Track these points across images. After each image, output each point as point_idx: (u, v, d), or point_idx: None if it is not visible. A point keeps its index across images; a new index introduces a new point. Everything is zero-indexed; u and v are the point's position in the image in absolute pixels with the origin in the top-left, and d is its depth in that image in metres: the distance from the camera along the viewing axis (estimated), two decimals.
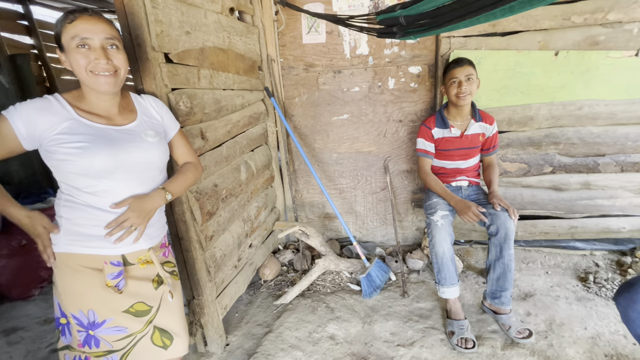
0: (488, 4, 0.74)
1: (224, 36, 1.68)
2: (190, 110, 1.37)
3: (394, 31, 1.10)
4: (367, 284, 1.98)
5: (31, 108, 0.86)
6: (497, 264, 1.66)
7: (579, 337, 1.60)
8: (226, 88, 1.72)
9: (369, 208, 2.48)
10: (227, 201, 1.68)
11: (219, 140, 1.65)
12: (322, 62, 2.22)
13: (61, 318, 1.00)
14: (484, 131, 1.84)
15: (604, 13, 1.82)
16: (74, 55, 0.87)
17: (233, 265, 1.78)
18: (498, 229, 1.62)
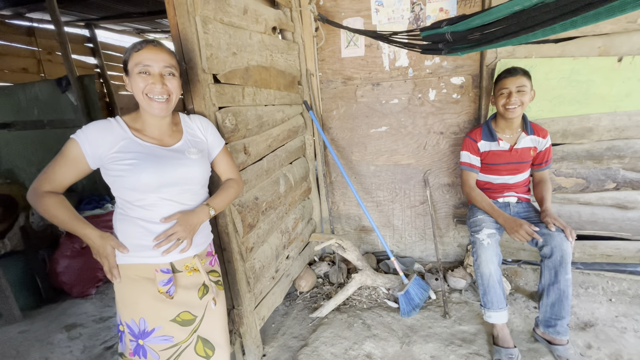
0: (547, 19, 0.69)
1: (267, 54, 1.74)
2: (235, 127, 1.43)
3: (440, 47, 1.07)
4: (405, 301, 1.91)
5: (95, 130, 0.97)
6: (551, 289, 1.53)
7: None
8: (267, 104, 1.78)
9: (407, 222, 2.41)
10: (266, 213, 1.72)
11: (260, 154, 1.70)
12: (361, 75, 2.22)
13: (120, 325, 1.07)
14: (535, 145, 1.72)
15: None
16: (135, 79, 0.97)
17: (271, 277, 1.81)
18: (553, 250, 1.49)
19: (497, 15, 0.83)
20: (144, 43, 0.96)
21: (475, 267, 1.64)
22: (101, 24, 4.59)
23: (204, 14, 1.26)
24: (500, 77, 1.65)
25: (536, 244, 1.57)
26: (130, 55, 0.96)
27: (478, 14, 0.89)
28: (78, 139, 0.95)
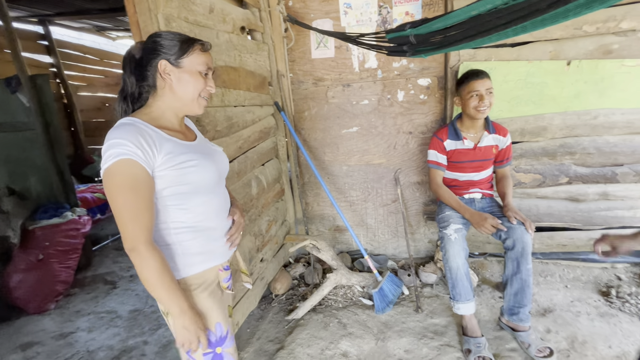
0: (500, 24, 0.74)
1: (235, 55, 1.71)
2: (202, 129, 1.39)
3: (405, 49, 1.11)
4: (379, 298, 1.95)
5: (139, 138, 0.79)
6: (514, 279, 1.62)
7: (604, 356, 1.54)
8: (237, 105, 1.75)
9: (380, 220, 2.46)
10: None
11: (231, 156, 1.67)
12: (331, 76, 2.24)
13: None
14: (497, 143, 1.82)
15: (616, 22, 1.80)
16: (196, 78, 0.89)
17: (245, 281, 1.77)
18: (514, 243, 1.58)
19: (456, 19, 0.87)
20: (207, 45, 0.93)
21: (444, 261, 1.71)
22: (57, 21, 4.31)
23: (167, 12, 1.21)
24: (468, 79, 1.68)
25: (500, 237, 1.66)
26: (193, 51, 0.88)
27: (439, 18, 0.93)
28: (138, 159, 0.77)
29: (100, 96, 5.23)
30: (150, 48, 0.87)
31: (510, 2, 0.68)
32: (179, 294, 0.83)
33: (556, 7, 0.60)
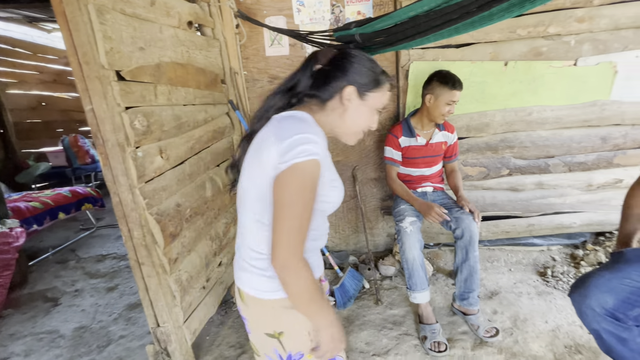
0: (436, 24, 0.78)
1: (183, 51, 1.63)
2: (147, 129, 1.31)
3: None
4: (340, 294, 1.97)
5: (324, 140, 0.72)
6: (463, 266, 1.72)
7: (541, 331, 1.69)
8: (187, 103, 1.67)
9: (340, 217, 2.49)
10: (192, 220, 1.62)
11: (181, 157, 1.59)
12: (287, 73, 2.18)
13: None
14: (446, 139, 1.92)
15: (544, 26, 1.97)
16: (371, 115, 0.86)
17: (201, 287, 1.71)
18: (463, 232, 1.68)
19: (397, 19, 0.90)
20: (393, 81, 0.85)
21: (400, 253, 1.77)
22: None
23: (100, 2, 1.12)
24: (453, 87, 1.68)
25: (450, 228, 1.76)
26: (381, 89, 0.83)
27: (381, 18, 0.96)
28: (320, 158, 0.69)
29: (34, 94, 4.73)
30: (343, 66, 0.80)
31: (443, 5, 0.72)
32: (327, 305, 0.78)
33: (483, 11, 0.65)
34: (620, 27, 1.96)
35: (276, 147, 0.70)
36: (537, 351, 1.58)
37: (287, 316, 0.81)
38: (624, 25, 1.95)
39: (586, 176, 2.25)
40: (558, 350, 1.58)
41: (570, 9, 1.93)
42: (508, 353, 1.58)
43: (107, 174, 1.23)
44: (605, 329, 1.10)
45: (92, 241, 3.31)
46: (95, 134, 1.19)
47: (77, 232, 3.52)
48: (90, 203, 3.28)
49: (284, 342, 0.82)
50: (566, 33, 1.99)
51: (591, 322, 1.13)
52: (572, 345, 1.60)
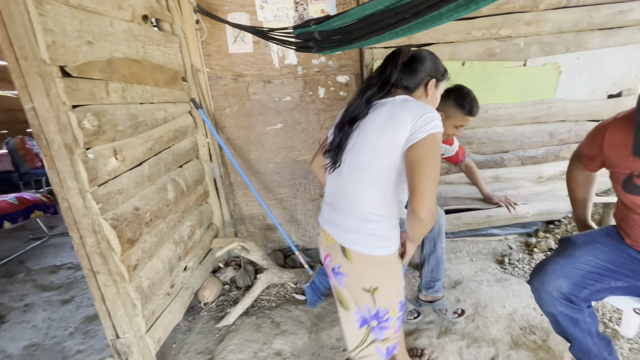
0: (390, 23, 0.80)
1: (138, 46, 1.55)
2: (98, 129, 1.23)
3: (311, 45, 1.13)
4: (311, 292, 1.98)
5: None
6: (431, 257, 1.79)
7: (500, 315, 1.80)
8: (144, 102, 1.59)
9: (310, 215, 2.49)
10: (152, 224, 1.54)
11: (139, 158, 1.51)
12: (251, 72, 2.18)
13: (372, 320, 1.02)
14: (443, 152, 1.90)
15: (497, 29, 2.09)
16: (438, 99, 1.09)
17: (165, 293, 1.64)
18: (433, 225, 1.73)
19: (353, 17, 0.92)
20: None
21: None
22: None
23: None
24: (466, 111, 1.54)
25: None
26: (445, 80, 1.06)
27: (338, 15, 0.97)
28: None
29: None
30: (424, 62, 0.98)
31: (396, 4, 0.74)
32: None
33: (432, 10, 0.67)
34: (562, 31, 2.12)
35: (412, 121, 0.89)
36: (496, 335, 1.67)
37: (385, 273, 0.99)
38: (566, 29, 2.11)
39: (537, 169, 2.42)
40: (514, 332, 1.69)
41: (519, 13, 2.06)
42: (470, 338, 1.66)
43: (54, 178, 1.14)
44: (561, 312, 1.18)
45: (44, 251, 3.06)
46: (38, 134, 1.10)
47: (26, 242, 3.25)
48: (40, 210, 3.03)
49: (377, 298, 0.99)
50: (516, 35, 2.12)
51: (548, 307, 1.21)
52: (526, 326, 1.72)
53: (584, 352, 1.22)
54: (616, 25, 2.11)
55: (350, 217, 1.00)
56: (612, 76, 2.22)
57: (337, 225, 1.04)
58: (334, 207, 1.06)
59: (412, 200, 0.86)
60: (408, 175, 0.88)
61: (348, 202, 1.00)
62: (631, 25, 2.12)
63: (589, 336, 1.19)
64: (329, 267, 1.08)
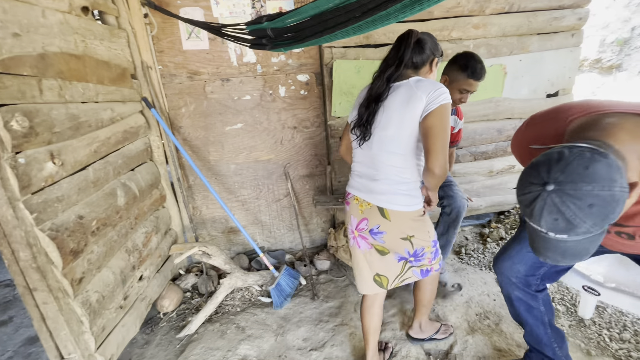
0: (341, 22, 0.80)
1: (77, 40, 1.42)
2: (29, 131, 1.11)
3: (264, 43, 1.10)
4: (277, 294, 1.95)
5: None
6: (442, 238, 1.88)
7: (458, 303, 1.89)
8: (86, 101, 1.46)
9: (274, 216, 2.46)
10: (100, 233, 1.43)
11: (82, 162, 1.39)
12: (208, 69, 2.10)
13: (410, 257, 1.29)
14: (454, 124, 1.91)
15: (448, 31, 2.19)
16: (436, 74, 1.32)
17: (118, 306, 1.53)
18: (452, 210, 1.81)
19: (305, 15, 0.91)
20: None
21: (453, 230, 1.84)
22: None
23: None
24: (473, 76, 1.56)
25: (441, 204, 1.86)
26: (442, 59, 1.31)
27: (290, 13, 0.95)
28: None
29: None
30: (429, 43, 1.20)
31: (346, 2, 0.75)
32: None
33: (380, 10, 0.68)
34: (507, 35, 2.27)
35: (426, 97, 1.10)
36: (454, 322, 1.76)
37: (417, 224, 1.24)
38: (510, 33, 2.27)
39: (488, 164, 2.58)
40: (471, 318, 1.79)
41: (468, 17, 2.18)
42: None
43: None
44: (517, 297, 1.26)
45: None
46: None
47: None
48: None
49: (414, 242, 1.26)
50: (466, 38, 2.24)
51: (507, 291, 1.28)
52: (481, 312, 1.82)
53: (535, 339, 1.31)
54: (552, 30, 2.30)
55: (384, 182, 1.21)
56: (549, 77, 2.43)
57: (372, 191, 1.24)
58: (366, 176, 1.26)
59: (427, 159, 1.09)
60: (423, 140, 1.11)
61: (380, 169, 1.22)
62: (564, 30, 2.33)
63: (541, 325, 1.27)
64: (366, 229, 1.28)
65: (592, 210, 0.64)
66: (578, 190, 0.63)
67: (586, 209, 0.64)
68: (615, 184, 0.63)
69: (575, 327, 1.67)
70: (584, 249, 0.70)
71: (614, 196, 0.64)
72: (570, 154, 0.66)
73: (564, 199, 0.65)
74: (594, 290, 1.23)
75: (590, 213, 0.64)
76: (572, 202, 0.64)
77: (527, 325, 1.30)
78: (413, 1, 0.62)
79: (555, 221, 0.67)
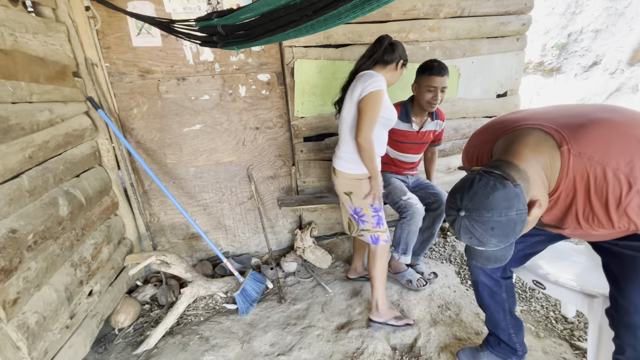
0: (293, 20, 0.79)
1: (4, 33, 1.27)
2: None
3: (215, 40, 1.05)
4: (242, 300, 1.89)
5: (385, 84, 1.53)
6: (426, 231, 2.02)
7: (421, 297, 1.96)
8: (17, 101, 1.31)
9: (239, 219, 2.39)
10: (38, 248, 1.29)
11: (14, 170, 1.25)
12: (162, 68, 1.98)
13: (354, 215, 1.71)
14: (436, 128, 2.04)
15: (406, 33, 2.26)
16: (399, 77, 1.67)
17: (63, 326, 1.39)
18: (439, 206, 1.96)
19: (256, 12, 0.88)
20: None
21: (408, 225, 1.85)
22: None
23: None
24: (428, 72, 1.76)
25: (427, 199, 2.00)
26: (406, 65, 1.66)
27: (241, 9, 0.92)
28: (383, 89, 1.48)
29: None
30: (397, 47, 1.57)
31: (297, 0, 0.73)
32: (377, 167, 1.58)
33: (331, 9, 0.68)
34: (459, 38, 2.39)
35: (361, 87, 1.48)
36: (418, 315, 1.82)
37: (354, 184, 1.62)
38: (462, 36, 2.38)
39: (446, 161, 2.69)
40: (433, 310, 1.85)
41: (424, 19, 2.26)
42: None
43: None
44: (482, 282, 1.34)
45: None
46: None
47: None
48: None
49: (353, 199, 1.66)
50: (423, 40, 2.32)
51: (474, 275, 1.36)
52: (443, 304, 1.90)
53: (493, 324, 1.39)
54: (499, 34, 2.45)
55: (337, 150, 1.68)
56: (499, 78, 2.59)
57: (334, 157, 1.71)
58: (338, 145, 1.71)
59: (355, 133, 1.51)
60: (357, 119, 1.51)
61: (339, 142, 1.68)
62: (510, 35, 2.49)
63: (501, 310, 1.35)
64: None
65: (494, 232, 0.79)
66: (481, 217, 0.78)
67: (490, 231, 0.78)
68: (511, 210, 0.77)
69: (526, 312, 1.80)
70: (502, 256, 0.86)
71: (510, 220, 0.77)
72: (478, 184, 0.80)
73: (472, 222, 0.79)
74: (541, 284, 1.33)
75: (493, 234, 0.79)
76: (478, 225, 0.79)
77: (488, 310, 1.38)
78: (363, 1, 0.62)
79: (470, 239, 0.82)
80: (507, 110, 2.73)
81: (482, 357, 1.44)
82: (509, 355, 1.40)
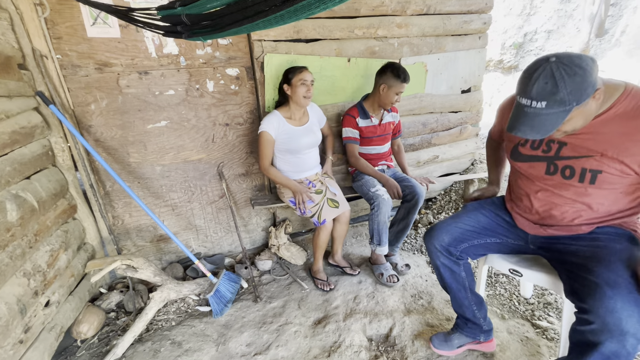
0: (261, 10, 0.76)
1: None
2: None
3: (179, 30, 1.00)
4: (216, 301, 1.84)
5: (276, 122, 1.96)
6: (401, 222, 2.15)
7: (395, 288, 2.01)
8: None
9: (210, 219, 2.31)
10: None
11: None
12: (121, 61, 1.86)
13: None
14: (393, 119, 2.27)
15: (375, 29, 2.28)
16: (299, 88, 1.91)
17: (16, 342, 1.28)
18: (413, 197, 2.06)
19: (223, 1, 0.84)
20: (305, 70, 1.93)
21: (375, 217, 1.99)
22: None
23: None
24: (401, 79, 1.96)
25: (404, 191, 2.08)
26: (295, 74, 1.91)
27: None
28: (268, 129, 1.91)
29: None
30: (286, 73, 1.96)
31: None
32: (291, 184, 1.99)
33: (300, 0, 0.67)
34: (426, 35, 2.45)
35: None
36: (392, 306, 1.86)
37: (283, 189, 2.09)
38: (428, 33, 2.45)
39: (415, 155, 2.77)
40: (407, 300, 1.91)
41: (392, 16, 2.30)
42: (371, 314, 1.80)
43: None
44: (442, 264, 1.41)
45: None
46: None
47: None
48: None
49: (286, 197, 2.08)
50: (391, 36, 2.36)
51: (434, 258, 1.43)
52: (416, 293, 1.96)
53: (457, 303, 1.47)
54: (463, 32, 2.55)
55: None
56: (463, 75, 2.69)
57: None
58: None
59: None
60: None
61: None
62: (473, 33, 2.60)
63: (462, 289, 1.44)
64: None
65: (574, 79, 0.90)
66: (572, 61, 0.91)
67: (572, 76, 0.90)
68: (593, 72, 0.92)
69: (492, 296, 1.90)
70: (550, 124, 0.95)
71: (588, 74, 0.91)
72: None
73: (559, 66, 0.91)
74: (518, 272, 1.39)
75: (573, 81, 0.90)
76: (565, 69, 0.91)
77: (451, 291, 1.46)
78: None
79: (545, 84, 0.92)
80: (472, 106, 2.85)
81: (453, 339, 1.51)
82: (477, 332, 1.48)
